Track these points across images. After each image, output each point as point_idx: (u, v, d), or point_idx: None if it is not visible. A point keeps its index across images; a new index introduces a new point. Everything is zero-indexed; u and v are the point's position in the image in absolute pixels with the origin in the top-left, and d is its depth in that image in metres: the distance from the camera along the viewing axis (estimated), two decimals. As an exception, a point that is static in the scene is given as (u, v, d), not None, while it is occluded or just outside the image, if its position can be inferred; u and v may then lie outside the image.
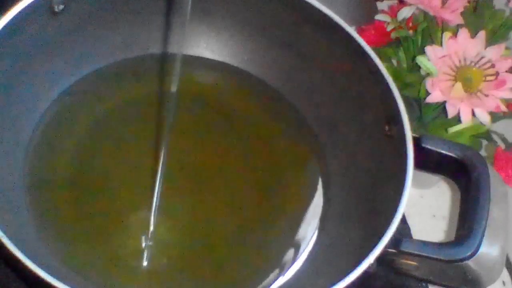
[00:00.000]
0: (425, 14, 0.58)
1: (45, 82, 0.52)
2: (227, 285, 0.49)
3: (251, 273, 0.50)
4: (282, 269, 0.50)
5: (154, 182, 0.52)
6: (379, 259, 0.42)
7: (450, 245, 0.44)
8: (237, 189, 0.53)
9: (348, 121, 0.54)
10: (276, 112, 0.58)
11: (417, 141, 0.47)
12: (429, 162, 0.48)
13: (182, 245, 0.50)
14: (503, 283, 0.61)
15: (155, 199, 0.51)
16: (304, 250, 0.51)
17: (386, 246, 0.43)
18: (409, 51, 0.58)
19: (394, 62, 0.59)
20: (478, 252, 0.43)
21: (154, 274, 0.48)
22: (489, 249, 0.43)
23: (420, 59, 0.55)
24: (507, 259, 0.62)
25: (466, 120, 0.54)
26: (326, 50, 0.54)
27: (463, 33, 0.56)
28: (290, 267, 0.50)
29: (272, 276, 0.50)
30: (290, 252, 0.51)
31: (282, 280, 0.49)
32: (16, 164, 0.49)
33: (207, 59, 0.58)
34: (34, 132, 0.51)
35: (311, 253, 0.51)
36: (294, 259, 0.50)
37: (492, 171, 0.46)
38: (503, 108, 0.54)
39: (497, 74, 0.55)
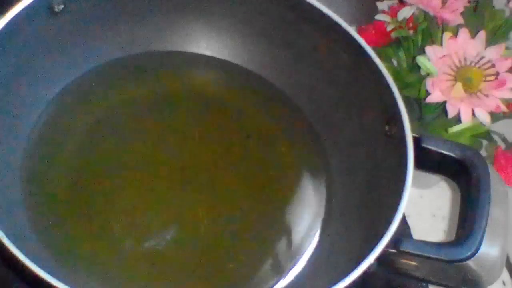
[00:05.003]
0: (425, 14, 0.58)
1: (44, 81, 0.52)
2: (227, 287, 0.49)
3: (251, 274, 0.50)
4: (283, 270, 0.50)
5: (154, 181, 0.52)
6: (379, 259, 0.42)
7: (450, 245, 0.44)
8: (238, 189, 0.53)
9: (349, 121, 0.54)
10: (277, 111, 0.58)
11: (417, 141, 0.47)
12: (429, 162, 0.48)
13: (182, 246, 0.50)
14: (503, 283, 0.61)
15: (154, 198, 0.51)
16: (305, 251, 0.51)
17: (386, 246, 0.43)
18: (409, 51, 0.58)
19: (394, 62, 0.59)
20: (478, 252, 0.43)
21: (154, 273, 0.48)
22: (489, 249, 0.43)
23: (420, 59, 0.55)
24: (507, 259, 0.62)
25: (466, 120, 0.54)
26: (326, 50, 0.54)
27: (463, 33, 0.56)
28: (291, 268, 0.50)
29: (272, 277, 0.50)
30: (292, 253, 0.51)
31: (283, 281, 0.49)
32: (15, 164, 0.49)
33: (208, 57, 0.58)
34: (33, 132, 0.51)
35: (312, 254, 0.51)
36: (295, 260, 0.50)
37: (492, 171, 0.46)
38: (503, 108, 0.54)
39: (497, 74, 0.55)
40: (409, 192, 0.45)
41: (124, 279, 0.48)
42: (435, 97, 0.54)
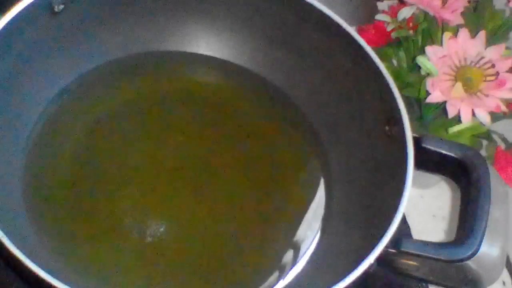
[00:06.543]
0: (425, 14, 0.58)
1: (44, 81, 0.52)
2: (228, 287, 0.49)
3: (251, 275, 0.50)
4: (283, 271, 0.50)
5: (154, 181, 0.52)
6: (379, 259, 0.42)
7: (450, 245, 0.44)
8: (238, 189, 0.53)
9: (349, 121, 0.54)
10: (277, 111, 0.58)
11: (417, 141, 0.47)
12: (429, 162, 0.48)
13: (182, 246, 0.50)
14: (503, 283, 0.61)
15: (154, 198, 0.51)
16: (306, 251, 0.51)
17: (386, 246, 0.43)
18: (409, 51, 0.58)
19: (394, 62, 0.59)
20: (478, 252, 0.43)
21: (154, 274, 0.48)
22: (489, 249, 0.43)
23: (420, 59, 0.55)
24: (507, 259, 0.62)
25: (466, 120, 0.54)
26: (326, 50, 0.54)
27: (463, 33, 0.56)
28: (291, 268, 0.50)
29: (272, 277, 0.50)
30: (292, 253, 0.51)
31: (283, 281, 0.49)
32: (15, 164, 0.49)
33: (208, 57, 0.58)
34: (33, 132, 0.51)
35: (312, 254, 0.51)
36: (295, 260, 0.50)
37: (492, 171, 0.46)
38: (503, 108, 0.54)
39: (497, 74, 0.55)
40: (409, 192, 0.44)
41: (125, 279, 0.48)
42: (435, 97, 0.54)
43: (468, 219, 0.44)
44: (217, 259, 0.50)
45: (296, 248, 0.51)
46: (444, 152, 0.47)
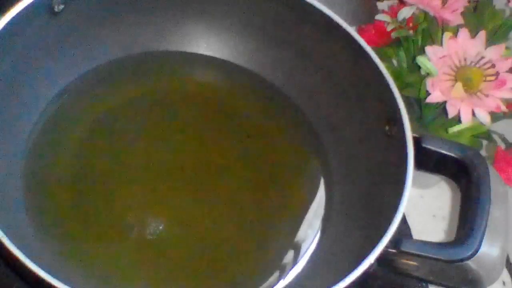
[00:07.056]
0: (425, 14, 0.58)
1: (44, 81, 0.52)
2: (228, 286, 0.49)
3: (251, 275, 0.50)
4: (283, 271, 0.50)
5: (154, 181, 0.52)
6: (379, 259, 0.42)
7: (450, 245, 0.44)
8: (238, 189, 0.53)
9: (349, 121, 0.54)
10: (277, 111, 0.58)
11: (417, 141, 0.47)
12: (429, 162, 0.48)
13: (182, 246, 0.50)
14: (503, 283, 0.61)
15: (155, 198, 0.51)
16: (306, 251, 0.51)
17: (386, 246, 0.43)
18: (409, 51, 0.58)
19: (394, 62, 0.59)
20: (478, 252, 0.43)
21: (154, 274, 0.48)
22: (489, 249, 0.43)
23: (420, 59, 0.55)
24: (507, 259, 0.62)
25: (466, 120, 0.54)
26: (326, 50, 0.54)
27: (463, 33, 0.56)
28: (291, 268, 0.50)
29: (272, 277, 0.50)
30: (292, 253, 0.51)
31: (283, 281, 0.49)
32: (15, 164, 0.49)
33: (208, 57, 0.58)
34: (33, 132, 0.51)
35: (312, 254, 0.51)
36: (295, 260, 0.50)
37: (492, 171, 0.46)
38: (503, 108, 0.54)
39: (497, 74, 0.55)
40: (409, 192, 0.45)
41: (125, 279, 0.48)
42: (435, 97, 0.54)
43: (468, 219, 0.44)
44: (217, 259, 0.50)
45: (296, 248, 0.51)
46: (444, 152, 0.47)
